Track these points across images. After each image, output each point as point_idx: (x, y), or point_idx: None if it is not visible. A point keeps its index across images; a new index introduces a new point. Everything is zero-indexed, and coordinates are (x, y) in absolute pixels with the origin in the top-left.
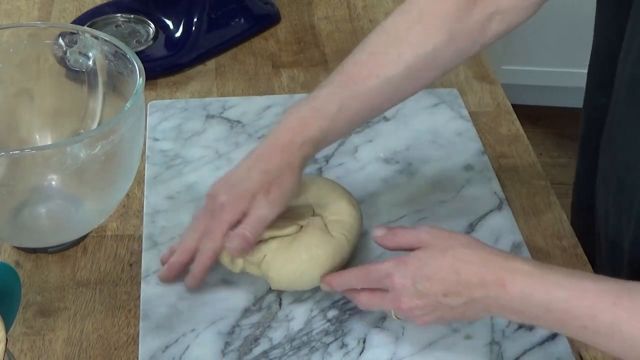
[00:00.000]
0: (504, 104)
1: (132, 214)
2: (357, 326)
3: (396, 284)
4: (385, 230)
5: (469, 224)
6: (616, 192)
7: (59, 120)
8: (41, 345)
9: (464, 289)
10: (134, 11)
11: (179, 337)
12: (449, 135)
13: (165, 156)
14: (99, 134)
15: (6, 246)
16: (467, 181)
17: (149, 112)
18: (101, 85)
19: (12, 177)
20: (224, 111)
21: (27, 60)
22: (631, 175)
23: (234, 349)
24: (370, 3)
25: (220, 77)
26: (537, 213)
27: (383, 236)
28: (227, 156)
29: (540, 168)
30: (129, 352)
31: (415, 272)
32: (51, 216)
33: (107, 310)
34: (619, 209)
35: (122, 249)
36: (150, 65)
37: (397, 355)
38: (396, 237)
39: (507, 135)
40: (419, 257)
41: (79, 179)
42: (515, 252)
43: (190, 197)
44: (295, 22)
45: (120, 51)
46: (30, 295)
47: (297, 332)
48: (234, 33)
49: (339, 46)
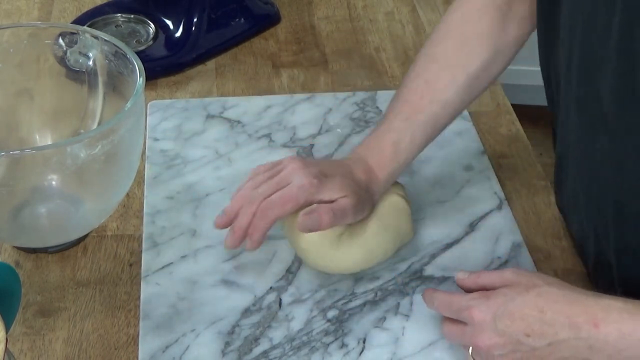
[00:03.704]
0: (504, 104)
1: (132, 214)
2: (357, 326)
3: (475, 319)
4: (468, 273)
5: (469, 224)
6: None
7: (59, 120)
8: (41, 345)
9: (548, 328)
10: (134, 11)
11: (179, 337)
12: (449, 135)
13: (165, 156)
14: (99, 134)
15: (6, 246)
16: (467, 181)
17: (149, 112)
18: (101, 85)
19: (12, 177)
20: (224, 111)
21: (27, 60)
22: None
23: (234, 349)
24: (370, 3)
25: (220, 77)
26: (537, 213)
27: (466, 278)
28: (227, 156)
29: (540, 168)
30: (129, 352)
31: (496, 308)
32: (51, 216)
33: (107, 310)
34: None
35: (122, 249)
36: (150, 65)
37: (397, 355)
38: (479, 278)
39: (507, 135)
40: (502, 293)
41: (79, 179)
42: (515, 252)
43: (190, 197)
44: (295, 22)
45: (120, 51)
46: (30, 295)
47: (297, 332)
48: (234, 33)
49: (339, 46)
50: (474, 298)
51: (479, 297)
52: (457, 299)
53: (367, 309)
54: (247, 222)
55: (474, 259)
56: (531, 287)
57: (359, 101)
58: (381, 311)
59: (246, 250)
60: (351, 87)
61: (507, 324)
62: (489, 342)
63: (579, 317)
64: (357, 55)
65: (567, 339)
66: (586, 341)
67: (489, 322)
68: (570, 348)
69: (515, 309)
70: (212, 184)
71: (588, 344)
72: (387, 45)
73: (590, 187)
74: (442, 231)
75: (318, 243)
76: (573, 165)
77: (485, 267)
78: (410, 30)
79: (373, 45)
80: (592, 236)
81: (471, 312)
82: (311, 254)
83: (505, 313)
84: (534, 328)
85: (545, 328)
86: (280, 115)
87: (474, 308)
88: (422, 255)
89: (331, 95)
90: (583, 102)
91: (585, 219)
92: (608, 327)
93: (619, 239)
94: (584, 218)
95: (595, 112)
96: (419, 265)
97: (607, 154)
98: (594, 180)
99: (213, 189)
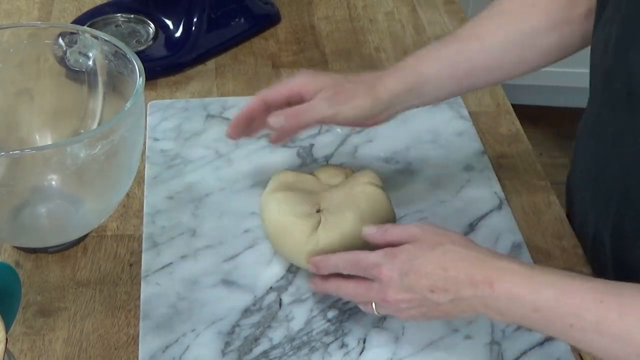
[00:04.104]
0: (504, 104)
1: (132, 214)
2: (357, 326)
3: (383, 276)
4: (375, 227)
5: (469, 224)
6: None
7: (59, 120)
8: (41, 345)
9: (451, 286)
10: (134, 11)
11: (179, 337)
12: (449, 135)
13: (165, 156)
14: (99, 134)
15: (6, 246)
16: (467, 181)
17: (149, 112)
18: (101, 85)
19: (12, 177)
20: (224, 111)
21: (27, 60)
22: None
23: (234, 349)
24: (370, 3)
25: (220, 77)
26: (537, 213)
27: (374, 233)
28: (227, 156)
29: (540, 168)
30: (129, 352)
31: (402, 265)
32: (51, 216)
33: (107, 310)
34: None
35: (122, 249)
36: (150, 65)
37: (397, 355)
38: (386, 233)
39: (507, 135)
40: (408, 250)
41: (79, 179)
42: (515, 252)
43: (190, 197)
44: (295, 22)
45: (120, 51)
46: (30, 295)
47: (297, 332)
48: (234, 33)
49: (339, 46)
50: (381, 256)
51: (386, 255)
52: (364, 257)
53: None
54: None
55: None
56: (436, 245)
57: None
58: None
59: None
60: None
61: (413, 280)
62: (397, 297)
63: (478, 276)
64: (357, 55)
65: (467, 297)
66: (482, 299)
67: (396, 278)
68: (469, 305)
69: (421, 266)
70: (212, 184)
71: (484, 302)
72: (387, 45)
73: (599, 164)
74: None
75: (298, 242)
76: (588, 141)
77: None
78: (410, 30)
79: (373, 45)
80: (593, 218)
81: (380, 270)
82: (293, 252)
83: (412, 270)
84: (438, 285)
85: (448, 285)
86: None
87: (382, 266)
88: None
89: None
90: (612, 76)
91: (590, 199)
92: (500, 287)
93: (618, 222)
94: (589, 198)
95: (621, 87)
96: None
97: (624, 131)
98: (605, 158)
99: (213, 189)
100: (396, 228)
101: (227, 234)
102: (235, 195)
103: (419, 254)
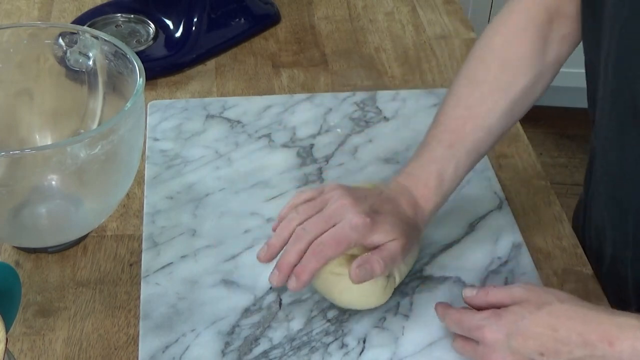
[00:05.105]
0: None
1: (132, 214)
2: (357, 326)
3: (487, 338)
4: (476, 289)
5: (469, 224)
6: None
7: (59, 120)
8: (41, 345)
9: (562, 347)
10: (134, 11)
11: (179, 337)
12: None
13: (165, 156)
14: (99, 134)
15: (6, 246)
16: (467, 181)
17: (149, 112)
18: (101, 85)
19: (12, 177)
20: (224, 111)
21: (27, 60)
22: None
23: (234, 349)
24: (370, 3)
25: (220, 77)
26: (537, 213)
27: (474, 296)
28: (227, 156)
29: (540, 168)
30: (129, 352)
31: (508, 327)
32: (51, 216)
33: (107, 310)
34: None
35: (122, 249)
36: (150, 65)
37: (397, 355)
38: (487, 295)
39: (507, 135)
40: (514, 312)
41: (79, 179)
42: (515, 252)
43: (190, 197)
44: (295, 22)
45: (120, 51)
46: (30, 295)
47: (297, 332)
48: (234, 33)
49: (339, 46)
50: (485, 317)
51: (490, 316)
52: (468, 317)
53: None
54: (295, 260)
55: (474, 259)
56: (543, 305)
57: (358, 101)
58: (381, 311)
59: (290, 290)
60: (351, 87)
61: (520, 343)
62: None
63: (593, 334)
64: (357, 55)
65: (581, 357)
66: (601, 359)
67: (502, 341)
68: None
69: (527, 327)
70: (212, 184)
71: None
72: (387, 45)
73: (615, 182)
74: (442, 231)
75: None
76: (602, 159)
77: (485, 267)
78: (410, 30)
79: (373, 45)
80: (611, 235)
81: (483, 332)
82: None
83: (518, 332)
84: (548, 346)
85: (559, 346)
86: (280, 115)
87: (485, 328)
88: (422, 255)
89: (331, 95)
90: (617, 95)
91: (607, 217)
92: (622, 344)
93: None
94: (605, 216)
95: (628, 105)
96: (419, 265)
97: (635, 148)
98: (620, 175)
99: (213, 189)
100: (499, 289)
101: (227, 234)
102: (235, 195)
103: (525, 314)
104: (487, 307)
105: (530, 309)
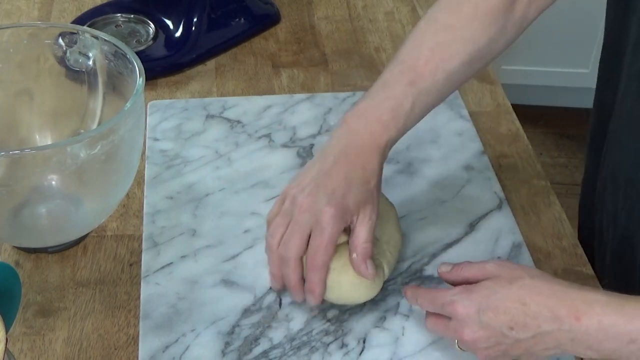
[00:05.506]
0: (504, 104)
1: (132, 214)
2: (357, 326)
3: (459, 313)
4: (451, 265)
5: (469, 224)
6: (625, 188)
7: (59, 120)
8: (41, 345)
9: (532, 321)
10: (134, 11)
11: (179, 337)
12: (449, 135)
13: (165, 156)
14: (99, 134)
15: (6, 246)
16: (467, 181)
17: (149, 112)
18: (101, 85)
19: (12, 177)
20: (224, 111)
21: (27, 60)
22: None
23: (234, 349)
24: (370, 3)
25: (220, 77)
26: (537, 213)
27: (449, 271)
28: (227, 156)
29: (540, 168)
30: (129, 352)
31: (480, 302)
32: (51, 216)
33: (107, 310)
34: (629, 204)
35: (122, 249)
36: (150, 65)
37: (397, 355)
38: (462, 271)
39: (507, 135)
40: (486, 286)
41: (79, 179)
42: (515, 252)
43: (190, 197)
44: (295, 22)
45: (120, 51)
46: (30, 295)
47: (297, 332)
48: (234, 33)
49: (339, 46)
50: (457, 293)
51: (462, 292)
52: (440, 294)
53: (367, 308)
54: (299, 277)
55: (474, 259)
56: (514, 280)
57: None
58: (381, 311)
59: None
60: (351, 87)
61: (490, 317)
62: (474, 335)
63: (561, 309)
64: (357, 55)
65: (550, 331)
66: (568, 333)
67: (473, 315)
68: (553, 340)
69: (498, 302)
70: (212, 184)
71: (570, 337)
72: (387, 45)
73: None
74: (442, 231)
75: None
76: (624, 138)
77: None
78: (410, 30)
79: (373, 45)
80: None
81: (455, 307)
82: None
83: (489, 306)
84: (518, 321)
85: (528, 320)
86: (280, 115)
87: (457, 302)
88: (422, 255)
89: (331, 95)
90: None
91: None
92: (589, 320)
93: None
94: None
95: None
96: (419, 265)
97: None
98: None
99: (213, 189)
100: (472, 265)
101: (227, 234)
102: (235, 195)
103: (497, 289)
104: (461, 282)
105: (502, 283)
